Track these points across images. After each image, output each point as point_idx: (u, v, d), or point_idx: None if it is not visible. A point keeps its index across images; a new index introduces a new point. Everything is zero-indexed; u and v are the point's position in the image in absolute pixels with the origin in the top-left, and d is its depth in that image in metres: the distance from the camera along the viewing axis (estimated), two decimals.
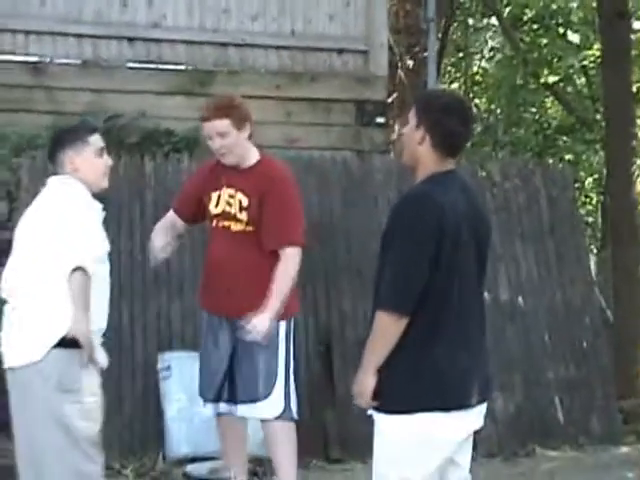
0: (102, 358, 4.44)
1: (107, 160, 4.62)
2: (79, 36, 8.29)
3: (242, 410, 5.22)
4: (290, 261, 5.11)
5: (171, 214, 5.48)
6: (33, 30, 8.22)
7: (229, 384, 5.21)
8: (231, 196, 5.19)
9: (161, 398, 6.43)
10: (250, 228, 5.15)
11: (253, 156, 5.26)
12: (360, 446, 6.41)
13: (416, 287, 3.56)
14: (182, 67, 8.45)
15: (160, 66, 8.42)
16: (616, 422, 7.66)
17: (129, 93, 8.21)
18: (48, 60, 8.23)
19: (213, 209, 5.25)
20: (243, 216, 5.15)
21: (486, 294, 4.60)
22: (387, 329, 3.58)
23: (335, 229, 7.25)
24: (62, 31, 8.24)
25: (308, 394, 6.55)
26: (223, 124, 5.11)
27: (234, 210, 5.17)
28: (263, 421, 5.24)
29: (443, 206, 3.61)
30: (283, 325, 5.20)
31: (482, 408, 3.75)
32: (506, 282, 7.53)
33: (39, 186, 4.59)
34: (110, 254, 6.30)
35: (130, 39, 8.38)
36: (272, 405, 5.17)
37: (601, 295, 12.12)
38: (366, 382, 3.63)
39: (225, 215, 5.21)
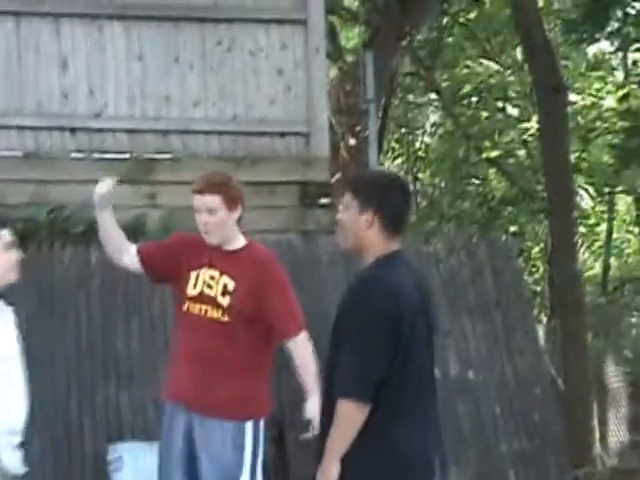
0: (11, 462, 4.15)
1: (15, 254, 4.48)
2: (20, 128, 8.30)
3: None
4: (307, 345, 4.95)
5: (128, 248, 5.17)
6: None
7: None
8: (212, 278, 4.89)
9: None
10: (225, 318, 4.83)
11: (239, 240, 5.02)
12: None
13: (377, 374, 3.57)
14: (125, 156, 8.48)
15: (103, 155, 8.44)
16: None
17: (73, 183, 8.21)
18: None
19: (190, 290, 4.91)
20: (225, 301, 4.85)
21: (436, 370, 4.63)
22: (351, 417, 3.57)
23: None
24: (3, 124, 8.25)
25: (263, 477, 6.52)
26: (214, 200, 4.86)
27: (214, 293, 4.87)
28: None
29: (398, 291, 3.63)
30: (250, 425, 4.90)
31: None
32: (455, 357, 7.56)
33: None
34: (55, 344, 6.29)
35: (72, 129, 8.41)
36: None
37: (551, 364, 12.22)
38: (332, 470, 3.62)
39: (202, 298, 4.88)
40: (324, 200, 8.82)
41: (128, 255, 5.16)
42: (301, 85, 8.91)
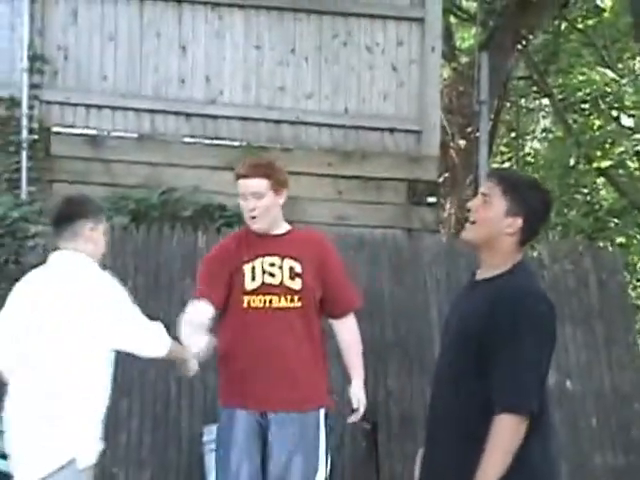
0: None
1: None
2: (137, 110, 8.48)
3: None
4: (355, 324, 4.83)
5: (197, 308, 4.60)
6: (94, 104, 8.43)
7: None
8: (272, 265, 4.60)
9: (205, 471, 6.43)
10: (298, 304, 4.56)
11: (283, 225, 4.75)
12: None
13: (543, 386, 3.40)
14: (237, 143, 8.58)
15: (215, 141, 8.56)
16: None
17: (184, 167, 8.37)
18: (106, 133, 8.41)
19: (248, 284, 4.59)
20: (296, 284, 4.57)
21: None
22: (515, 434, 3.33)
23: (383, 306, 7.27)
24: (121, 105, 8.43)
25: (352, 472, 6.55)
26: (261, 184, 4.61)
27: (279, 280, 4.57)
28: None
29: (552, 303, 3.46)
30: (323, 412, 4.63)
31: None
32: (554, 365, 7.46)
33: None
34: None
35: (187, 114, 8.55)
36: None
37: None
38: None
39: (265, 289, 4.58)
40: (431, 199, 8.81)
41: (205, 321, 4.60)
42: (414, 82, 8.91)
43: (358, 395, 4.67)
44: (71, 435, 4.16)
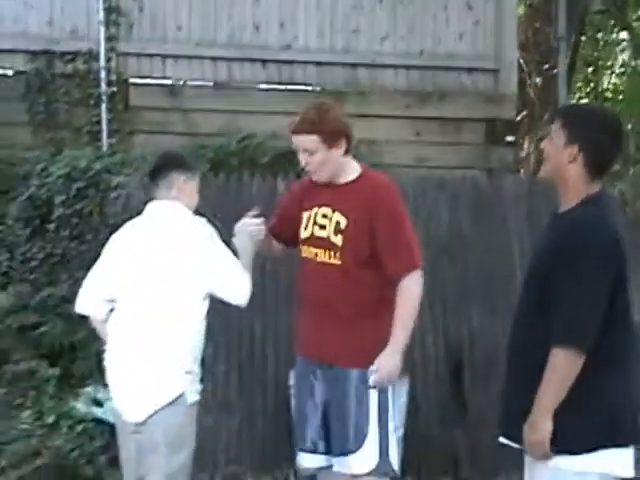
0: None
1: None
2: (213, 59, 8.50)
3: (336, 464, 4.55)
4: (414, 288, 4.41)
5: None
6: (170, 54, 8.47)
7: (325, 436, 4.56)
8: (325, 216, 4.48)
9: (293, 415, 6.50)
10: (337, 261, 4.41)
11: (352, 172, 4.52)
12: (490, 465, 6.40)
13: (599, 323, 3.40)
14: (313, 88, 8.57)
15: (291, 87, 8.56)
16: None
17: (261, 114, 8.38)
18: (183, 82, 8.45)
19: (302, 233, 4.55)
20: (338, 240, 4.41)
21: None
22: (569, 368, 3.39)
23: (465, 247, 7.23)
24: (197, 54, 8.46)
25: (438, 414, 6.57)
26: (311, 140, 4.40)
27: (327, 233, 4.45)
28: (355, 477, 4.51)
29: (620, 236, 3.47)
30: (357, 373, 4.46)
31: None
32: (638, 303, 7.39)
33: None
34: None
35: (263, 61, 8.56)
36: (364, 460, 4.47)
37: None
38: (546, 428, 3.42)
39: (313, 241, 4.49)
40: (510, 138, 8.73)
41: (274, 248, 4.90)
42: (490, 20, 8.81)
43: (380, 362, 4.35)
44: (178, 371, 4.35)
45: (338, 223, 4.41)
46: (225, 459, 6.60)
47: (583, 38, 17.48)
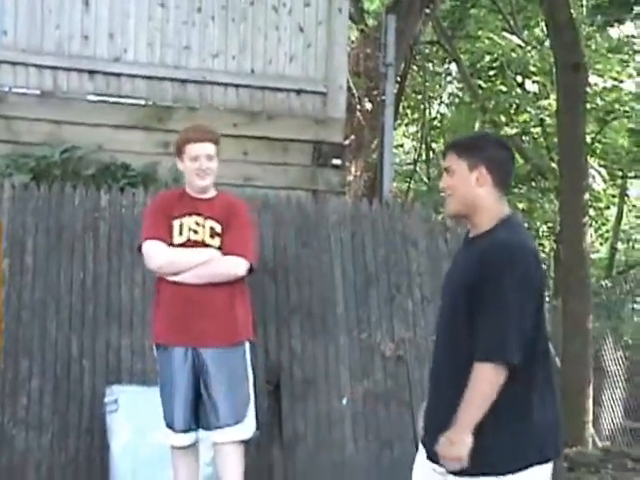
0: None
1: None
2: (39, 67, 8.29)
3: (217, 435, 5.35)
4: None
5: None
6: None
7: (200, 412, 5.38)
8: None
9: (107, 432, 6.39)
10: None
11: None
12: None
13: (524, 337, 3.44)
14: (141, 102, 8.47)
15: (119, 100, 8.43)
16: (561, 470, 7.70)
17: (87, 125, 8.22)
18: (7, 89, 8.22)
19: (176, 238, 5.50)
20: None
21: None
22: (493, 382, 3.42)
23: (288, 268, 7.28)
24: (22, 61, 8.24)
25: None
26: (214, 148, 5.50)
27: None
28: (221, 443, 5.38)
29: (538, 256, 3.58)
30: (247, 346, 5.45)
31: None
32: None
33: None
34: (60, 284, 6.33)
35: (91, 72, 8.40)
36: (248, 426, 5.42)
37: (550, 343, 12.22)
38: (466, 442, 3.42)
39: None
40: (336, 161, 8.82)
41: None
42: (321, 44, 8.89)
43: None
44: None
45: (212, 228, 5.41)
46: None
47: (414, 68, 17.91)
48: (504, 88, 18.35)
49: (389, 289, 7.34)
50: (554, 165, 16.08)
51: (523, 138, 18.66)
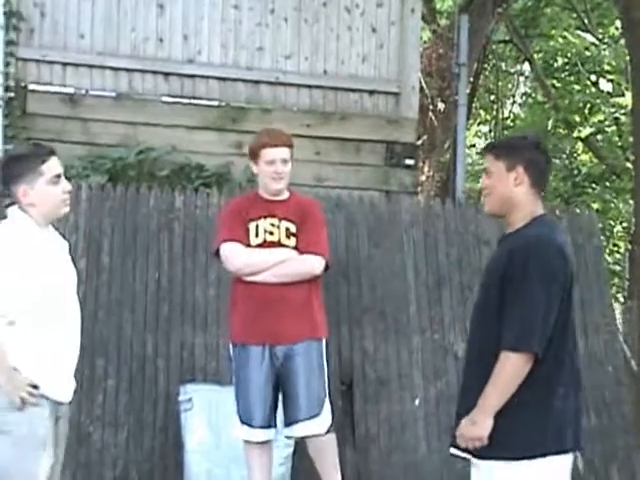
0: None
1: (65, 186, 4.25)
2: (115, 69, 8.41)
3: (298, 429, 5.44)
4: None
5: None
6: (71, 62, 8.35)
7: (282, 408, 5.48)
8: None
9: (182, 430, 6.46)
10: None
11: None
12: None
13: (549, 328, 3.59)
14: (215, 103, 8.54)
15: (193, 101, 8.52)
16: (637, 473, 7.60)
17: (162, 127, 8.32)
18: (84, 92, 8.34)
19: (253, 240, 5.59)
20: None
21: None
22: (518, 370, 3.56)
23: (361, 269, 7.28)
24: (99, 64, 8.36)
25: None
26: (288, 152, 5.60)
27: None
28: (314, 436, 5.48)
29: (565, 252, 3.70)
30: (324, 343, 5.54)
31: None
32: None
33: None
34: (136, 284, 6.40)
35: (165, 74, 8.50)
36: (326, 419, 5.49)
37: (625, 345, 12.06)
38: (487, 425, 3.58)
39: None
40: (409, 161, 8.81)
41: None
42: (394, 44, 8.88)
43: None
44: None
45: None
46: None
47: (487, 68, 17.79)
48: (578, 87, 18.17)
49: (461, 289, 7.31)
50: (629, 165, 15.86)
51: (597, 137, 18.43)
